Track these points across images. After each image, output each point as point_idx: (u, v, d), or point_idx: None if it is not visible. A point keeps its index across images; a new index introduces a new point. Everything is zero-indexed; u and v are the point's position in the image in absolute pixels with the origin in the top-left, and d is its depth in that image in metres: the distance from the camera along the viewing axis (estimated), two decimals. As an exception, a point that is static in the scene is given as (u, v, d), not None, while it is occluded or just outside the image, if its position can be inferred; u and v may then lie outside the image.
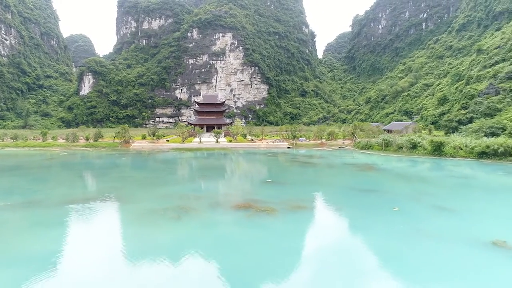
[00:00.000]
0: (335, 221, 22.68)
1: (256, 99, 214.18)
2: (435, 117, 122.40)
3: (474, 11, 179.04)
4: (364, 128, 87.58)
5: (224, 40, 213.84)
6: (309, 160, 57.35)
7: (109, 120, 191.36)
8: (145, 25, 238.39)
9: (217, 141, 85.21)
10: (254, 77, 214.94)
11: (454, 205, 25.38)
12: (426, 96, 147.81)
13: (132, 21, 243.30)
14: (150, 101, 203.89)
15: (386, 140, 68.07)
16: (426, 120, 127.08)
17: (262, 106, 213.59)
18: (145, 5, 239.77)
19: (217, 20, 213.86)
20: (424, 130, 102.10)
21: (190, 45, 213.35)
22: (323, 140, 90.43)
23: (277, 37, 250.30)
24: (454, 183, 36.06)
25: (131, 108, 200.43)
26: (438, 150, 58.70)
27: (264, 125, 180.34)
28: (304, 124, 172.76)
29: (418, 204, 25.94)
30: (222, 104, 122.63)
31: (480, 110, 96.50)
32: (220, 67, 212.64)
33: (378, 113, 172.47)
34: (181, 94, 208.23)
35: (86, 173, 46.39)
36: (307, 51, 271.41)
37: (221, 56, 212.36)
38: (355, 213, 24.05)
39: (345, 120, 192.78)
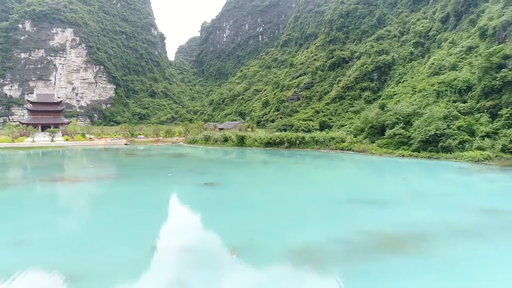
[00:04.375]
0: (125, 182, 34.56)
1: (102, 98, 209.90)
2: (260, 117, 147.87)
3: (293, 31, 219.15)
4: (193, 127, 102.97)
5: (63, 35, 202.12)
6: (137, 152, 68.04)
7: None
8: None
9: (52, 140, 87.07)
10: (99, 76, 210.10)
11: (209, 171, 40.64)
12: (256, 100, 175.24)
13: None
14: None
15: (206, 135, 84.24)
16: (254, 120, 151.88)
17: (108, 106, 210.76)
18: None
19: (54, 14, 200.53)
20: (248, 128, 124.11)
21: (22, 38, 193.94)
22: (160, 138, 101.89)
23: (124, 36, 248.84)
24: (227, 162, 52.75)
25: None
26: (241, 142, 77.33)
27: (111, 125, 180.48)
28: (153, 124, 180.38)
29: (189, 173, 40.30)
30: (59, 103, 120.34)
31: (286, 112, 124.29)
32: (60, 63, 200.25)
33: (219, 114, 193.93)
34: (12, 91, 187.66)
35: None
36: (156, 52, 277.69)
37: (60, 52, 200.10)
38: (141, 178, 36.67)
39: (191, 120, 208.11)
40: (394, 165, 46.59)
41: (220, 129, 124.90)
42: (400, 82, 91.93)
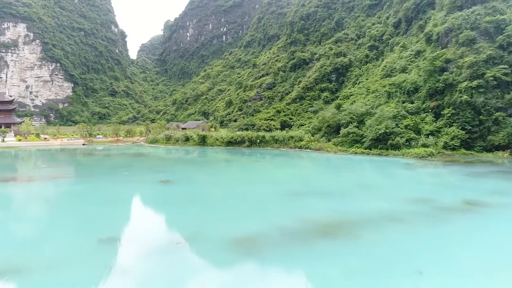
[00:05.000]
0: (79, 180, 34.16)
1: (58, 97, 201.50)
2: (223, 117, 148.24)
3: (256, 31, 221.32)
4: (155, 127, 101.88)
5: (16, 30, 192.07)
6: (95, 152, 66.60)
7: None
8: None
9: (3, 141, 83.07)
10: (55, 74, 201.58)
11: (167, 169, 40.99)
12: (219, 100, 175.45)
13: None
14: None
15: (168, 135, 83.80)
16: (217, 120, 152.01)
17: (66, 105, 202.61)
18: None
19: (5, 7, 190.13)
20: (212, 127, 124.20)
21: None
22: (120, 137, 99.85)
23: (83, 33, 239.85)
24: (187, 160, 53.14)
25: None
26: (203, 141, 77.69)
27: (69, 125, 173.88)
28: (113, 124, 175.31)
29: (147, 171, 40.41)
30: (11, 102, 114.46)
31: (249, 112, 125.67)
32: (12, 60, 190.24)
33: (182, 113, 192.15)
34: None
35: None
36: (117, 50, 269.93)
37: (12, 48, 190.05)
38: (96, 177, 36.32)
39: (154, 120, 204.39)
40: (347, 162, 49.08)
41: (183, 128, 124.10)
42: (356, 83, 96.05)
